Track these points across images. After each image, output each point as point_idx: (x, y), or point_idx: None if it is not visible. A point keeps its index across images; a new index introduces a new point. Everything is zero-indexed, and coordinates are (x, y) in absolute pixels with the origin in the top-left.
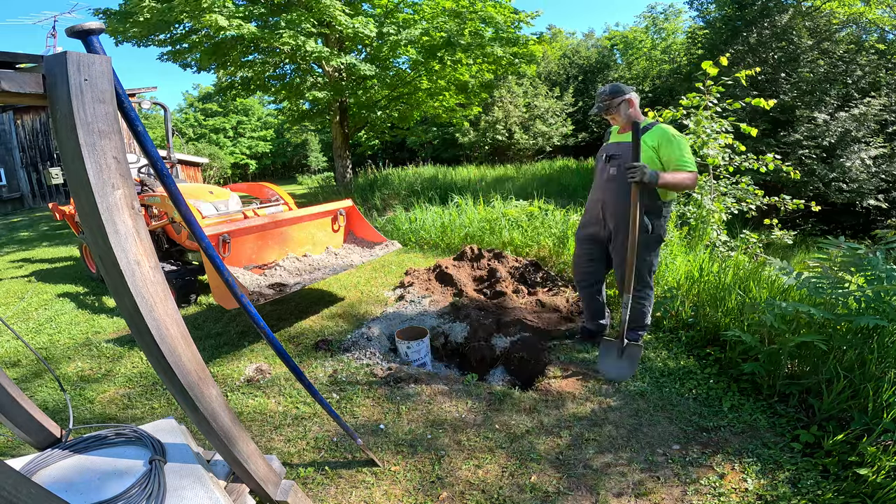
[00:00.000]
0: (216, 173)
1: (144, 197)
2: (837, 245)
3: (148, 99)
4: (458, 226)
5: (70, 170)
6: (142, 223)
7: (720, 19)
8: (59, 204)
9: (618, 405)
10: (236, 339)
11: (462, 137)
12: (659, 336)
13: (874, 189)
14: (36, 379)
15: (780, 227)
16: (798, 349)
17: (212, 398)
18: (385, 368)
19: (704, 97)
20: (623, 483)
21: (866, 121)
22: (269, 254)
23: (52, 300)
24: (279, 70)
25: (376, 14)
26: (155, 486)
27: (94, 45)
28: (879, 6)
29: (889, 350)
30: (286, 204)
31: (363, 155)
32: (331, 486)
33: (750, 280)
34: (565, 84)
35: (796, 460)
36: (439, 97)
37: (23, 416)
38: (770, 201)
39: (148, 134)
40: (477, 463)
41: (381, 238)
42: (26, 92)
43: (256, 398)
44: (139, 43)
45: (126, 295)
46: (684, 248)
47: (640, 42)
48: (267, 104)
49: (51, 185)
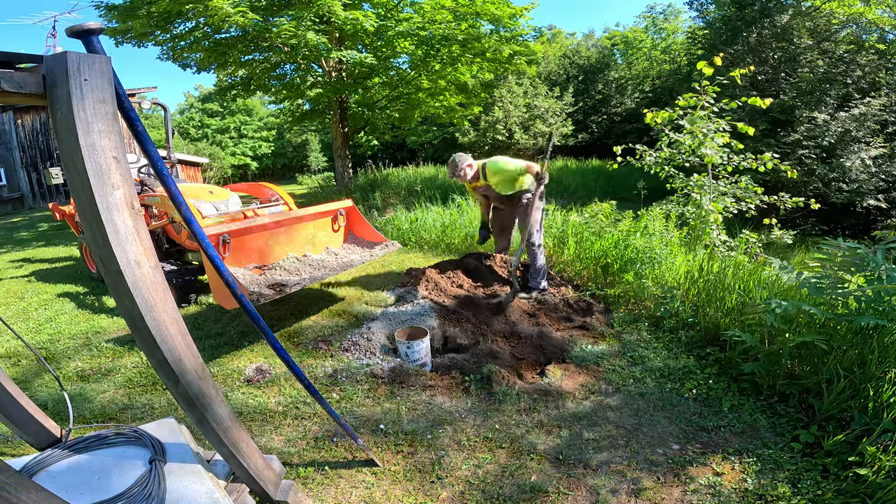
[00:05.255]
0: (216, 173)
1: (144, 197)
2: (837, 245)
3: (148, 99)
4: (458, 226)
5: (70, 170)
6: (142, 223)
7: (720, 19)
8: (59, 204)
9: (618, 405)
10: (236, 339)
11: (462, 137)
12: (659, 336)
13: (874, 189)
14: (36, 379)
15: (779, 226)
16: (798, 349)
17: (212, 398)
18: (385, 368)
19: (701, 97)
20: (623, 483)
21: (866, 121)
22: (269, 254)
23: (52, 300)
24: (279, 70)
25: (377, 13)
26: (155, 486)
27: (94, 45)
28: (879, 6)
29: (889, 350)
30: (286, 204)
31: (363, 155)
32: (331, 486)
33: (750, 280)
34: (565, 84)
35: (796, 460)
36: (440, 97)
37: (23, 415)
38: (770, 200)
39: (148, 134)
40: (477, 463)
41: (381, 238)
42: (26, 92)
43: (256, 398)
44: (139, 43)
45: (126, 295)
46: (684, 248)
47: (640, 42)
48: (268, 104)
49: (51, 185)
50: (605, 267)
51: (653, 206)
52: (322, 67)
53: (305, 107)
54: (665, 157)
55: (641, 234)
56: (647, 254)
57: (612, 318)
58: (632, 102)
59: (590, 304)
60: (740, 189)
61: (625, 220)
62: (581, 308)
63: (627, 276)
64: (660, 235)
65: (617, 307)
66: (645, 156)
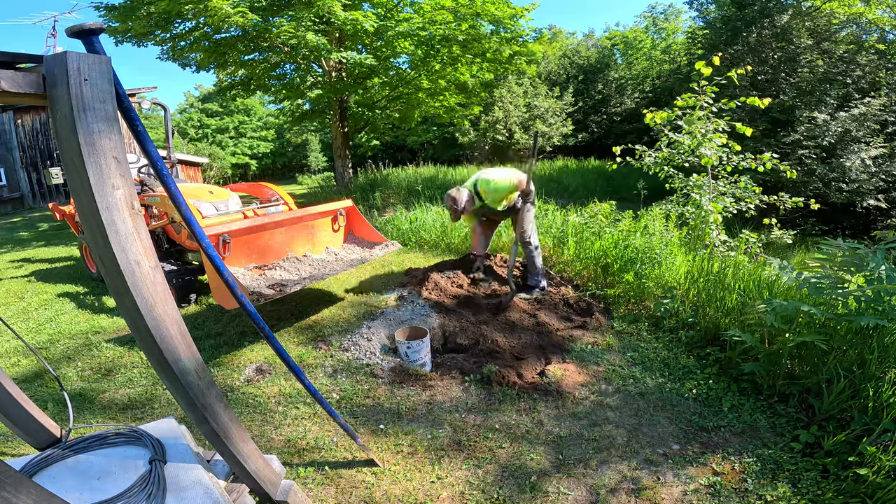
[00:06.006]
0: (216, 173)
1: (144, 197)
2: (837, 245)
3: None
4: (458, 226)
5: (70, 170)
6: (142, 223)
7: (720, 19)
8: (59, 204)
9: (618, 405)
10: (236, 339)
11: (462, 137)
12: (659, 336)
13: (874, 189)
14: (36, 379)
15: (779, 226)
16: (798, 349)
17: (211, 398)
18: (385, 368)
19: (699, 97)
20: (623, 483)
21: (866, 121)
22: (269, 254)
23: (52, 300)
24: (279, 70)
25: (377, 13)
26: (155, 486)
27: (95, 45)
28: (879, 6)
29: (889, 350)
30: (286, 204)
31: (363, 155)
32: (331, 486)
33: (750, 280)
34: (565, 84)
35: (796, 460)
36: (439, 97)
37: (23, 415)
38: (770, 200)
39: (148, 134)
40: (477, 463)
41: (381, 238)
42: (26, 92)
43: (256, 398)
44: (139, 43)
45: (126, 295)
46: (684, 248)
47: (641, 42)
48: (267, 104)
49: (51, 185)
50: (605, 267)
51: (652, 206)
52: (322, 67)
53: (305, 107)
54: (664, 158)
55: (641, 234)
56: (647, 254)
57: (612, 318)
58: (631, 102)
59: (590, 303)
60: (739, 189)
61: (625, 220)
62: (581, 308)
63: (627, 276)
64: (660, 235)
65: (617, 307)
66: (644, 156)
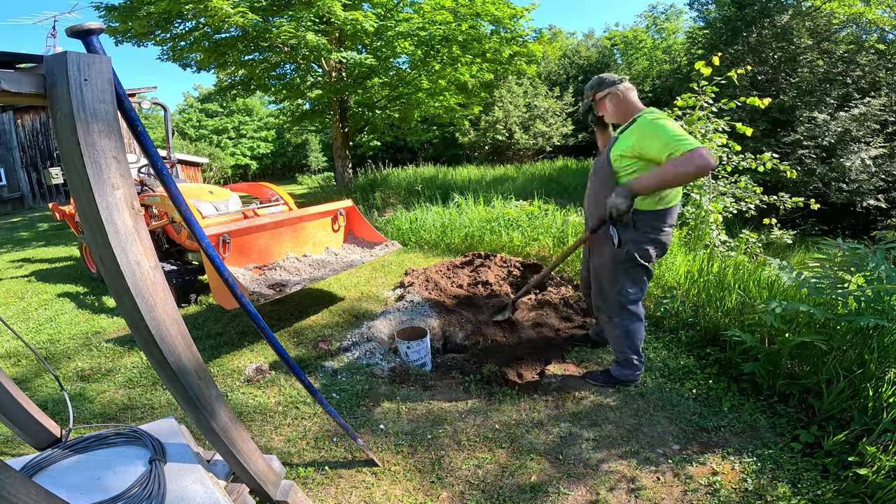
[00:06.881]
0: (216, 174)
1: (144, 197)
2: (837, 245)
3: (148, 99)
4: (458, 226)
5: (70, 170)
6: (142, 223)
7: (720, 19)
8: (59, 204)
9: (618, 405)
10: (236, 339)
11: (462, 137)
12: (659, 336)
13: (874, 189)
14: (36, 379)
15: (779, 226)
16: (798, 349)
17: (211, 398)
18: (385, 368)
19: (699, 97)
20: (623, 483)
21: (866, 121)
22: (268, 254)
23: (52, 300)
24: (279, 70)
25: (377, 13)
26: (155, 486)
27: (95, 45)
28: (879, 6)
29: (889, 350)
30: (286, 204)
31: (363, 155)
32: (331, 486)
33: (750, 280)
34: (565, 84)
35: (796, 460)
36: (439, 97)
37: (23, 415)
38: (769, 200)
39: (148, 134)
40: (477, 463)
41: (380, 238)
42: (26, 92)
43: (256, 398)
44: (139, 43)
45: (126, 295)
46: (684, 248)
47: (641, 42)
48: (267, 104)
49: (51, 185)
50: None
51: None
52: (322, 67)
53: (305, 107)
54: None
55: None
56: None
57: None
58: None
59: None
60: (740, 189)
61: None
62: (581, 308)
63: None
64: None
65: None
66: None
